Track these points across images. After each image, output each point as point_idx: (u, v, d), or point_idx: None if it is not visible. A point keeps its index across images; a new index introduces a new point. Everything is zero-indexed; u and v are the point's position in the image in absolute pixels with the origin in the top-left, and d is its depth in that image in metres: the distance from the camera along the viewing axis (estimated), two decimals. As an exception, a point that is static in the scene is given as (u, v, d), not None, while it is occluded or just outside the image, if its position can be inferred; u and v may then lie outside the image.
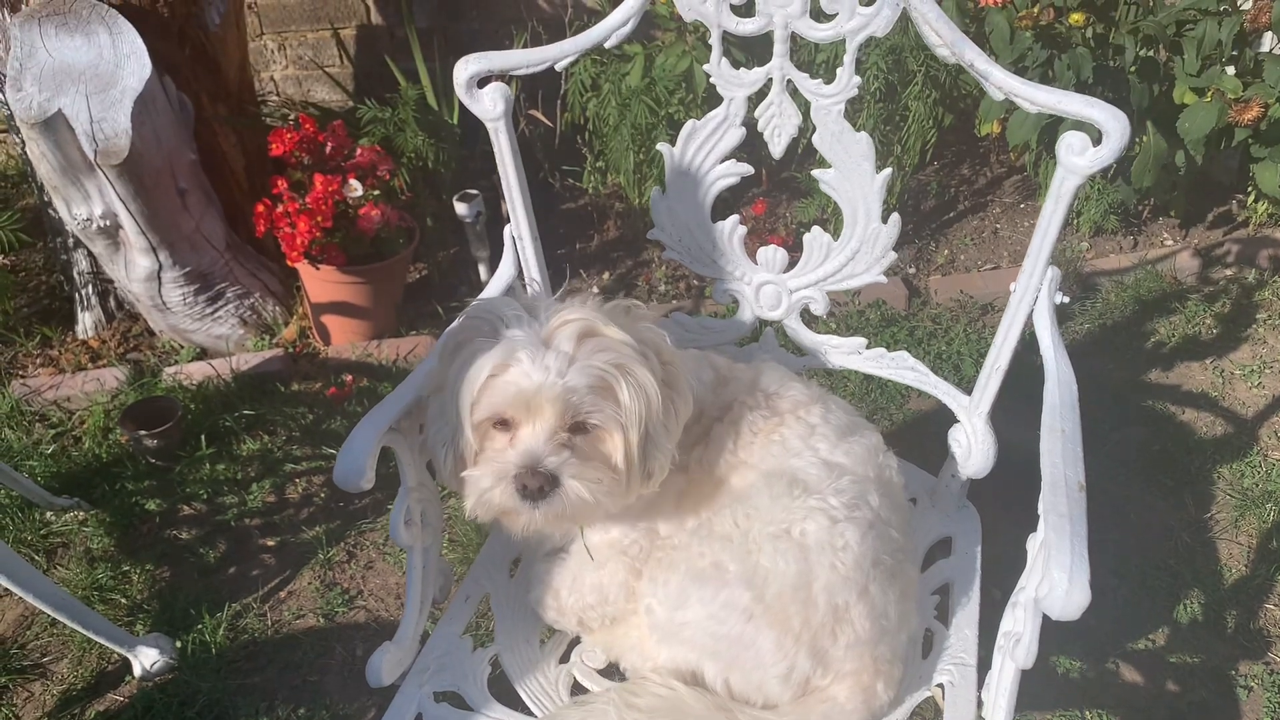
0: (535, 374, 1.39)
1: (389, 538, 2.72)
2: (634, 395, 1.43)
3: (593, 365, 1.40)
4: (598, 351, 1.42)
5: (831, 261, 1.74)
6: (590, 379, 1.40)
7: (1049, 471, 1.37)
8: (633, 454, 1.45)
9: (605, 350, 1.42)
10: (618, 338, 1.44)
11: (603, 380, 1.41)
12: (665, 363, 1.50)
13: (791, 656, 1.46)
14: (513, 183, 1.71)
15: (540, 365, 1.39)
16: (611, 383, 1.41)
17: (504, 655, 1.66)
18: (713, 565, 1.50)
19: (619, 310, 1.51)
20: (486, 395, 1.43)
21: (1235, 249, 3.56)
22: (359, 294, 3.23)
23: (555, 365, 1.39)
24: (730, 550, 1.50)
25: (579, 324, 1.42)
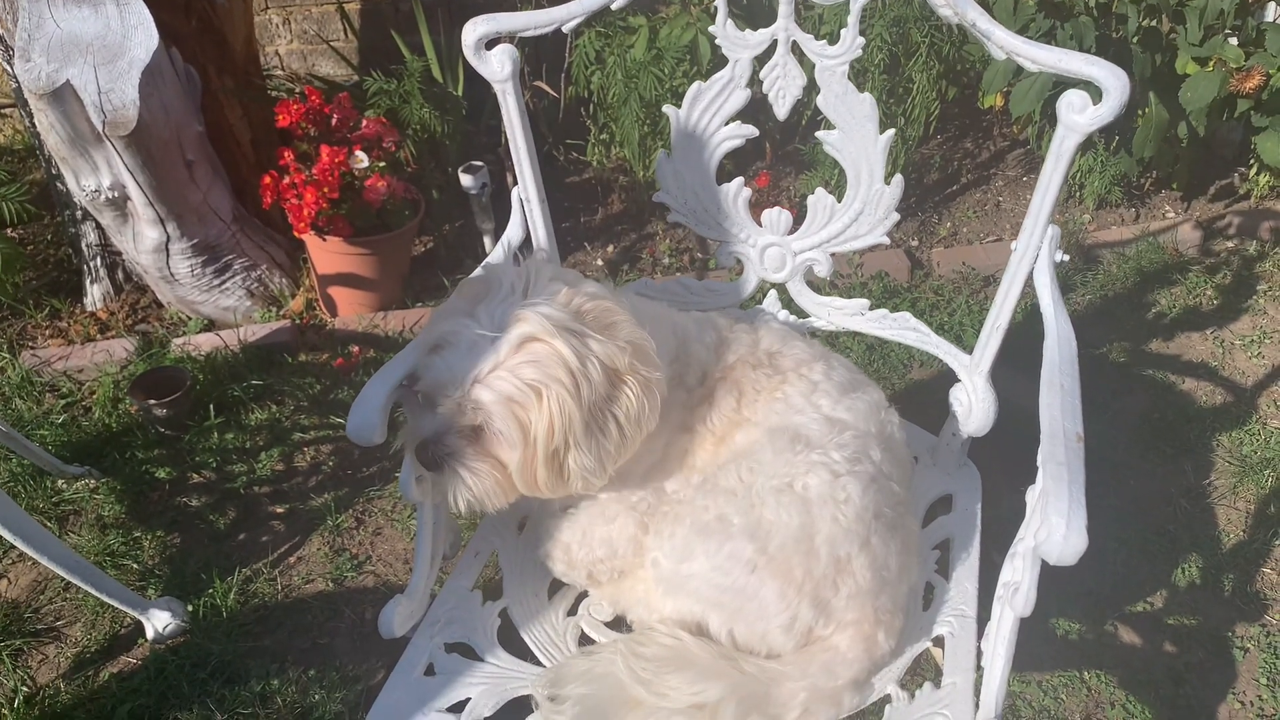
0: (456, 368, 1.43)
1: (397, 505, 2.78)
2: (541, 419, 1.43)
3: (510, 380, 1.42)
4: (527, 363, 1.42)
5: (835, 223, 1.76)
6: (502, 392, 1.42)
7: (1047, 423, 1.40)
8: (531, 471, 1.48)
9: (535, 363, 1.42)
10: (559, 352, 1.42)
11: (513, 398, 1.42)
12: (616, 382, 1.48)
13: (794, 607, 1.49)
14: (520, 145, 1.73)
15: (468, 360, 1.43)
16: (523, 401, 1.42)
17: (513, 608, 1.70)
18: (717, 519, 1.53)
19: (602, 312, 1.50)
20: (424, 362, 1.49)
21: (1237, 221, 3.57)
22: (365, 265, 3.26)
23: (475, 368, 1.42)
24: (734, 504, 1.53)
25: (526, 328, 1.43)
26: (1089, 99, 1.45)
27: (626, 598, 1.68)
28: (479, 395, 1.42)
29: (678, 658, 1.53)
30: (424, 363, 1.49)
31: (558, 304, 1.47)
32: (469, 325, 1.45)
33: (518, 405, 1.42)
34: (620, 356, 1.46)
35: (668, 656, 1.53)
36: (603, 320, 1.49)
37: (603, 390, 1.46)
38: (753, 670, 1.52)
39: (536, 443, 1.44)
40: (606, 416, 1.47)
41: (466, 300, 1.51)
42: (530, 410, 1.43)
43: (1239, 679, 2.28)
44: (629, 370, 1.47)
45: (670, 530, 1.57)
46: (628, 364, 1.47)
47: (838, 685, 1.51)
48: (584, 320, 1.47)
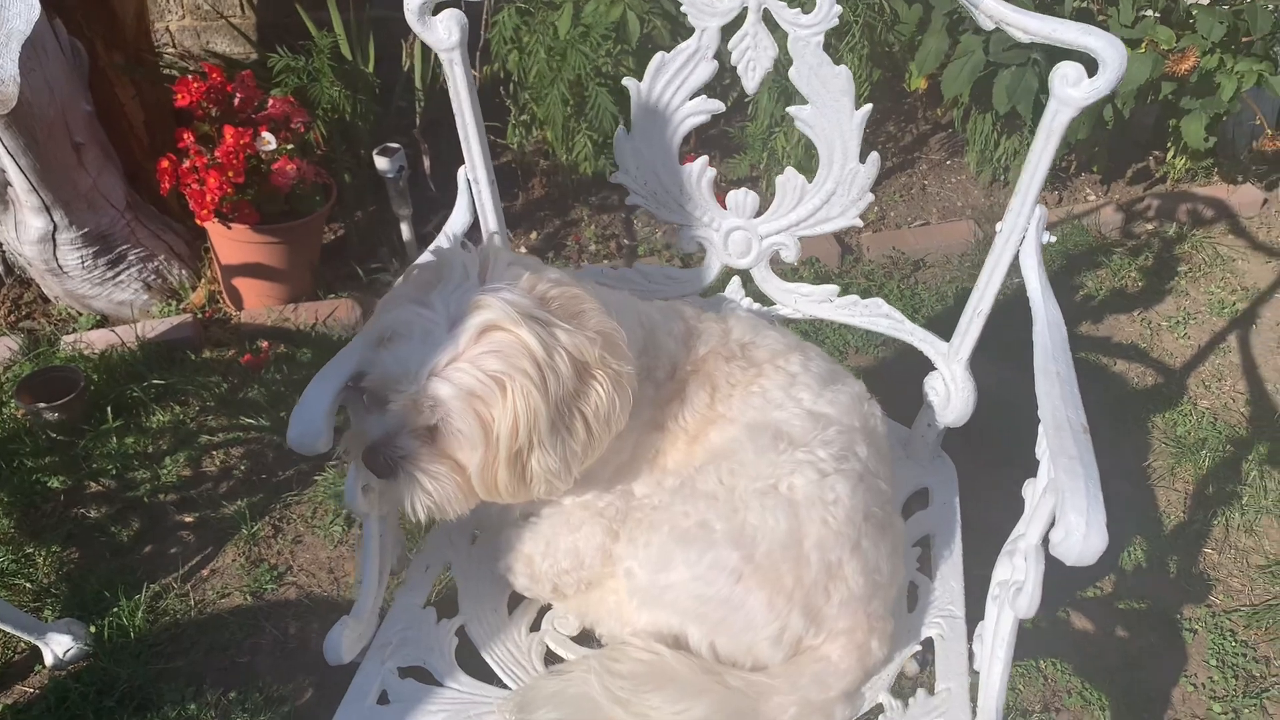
0: (409, 361, 1.29)
1: (317, 510, 2.60)
2: (505, 414, 1.30)
3: (471, 372, 1.28)
4: (488, 354, 1.29)
5: (805, 205, 1.66)
6: (461, 385, 1.29)
7: (1050, 414, 1.32)
8: (492, 473, 1.35)
9: (497, 354, 1.29)
10: (524, 341, 1.29)
11: (476, 389, 1.29)
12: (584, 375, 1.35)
13: (784, 617, 1.40)
14: (468, 120, 1.59)
15: (422, 353, 1.29)
16: (485, 395, 1.29)
17: (470, 626, 1.56)
18: (698, 525, 1.42)
19: (569, 299, 1.38)
20: (374, 357, 1.35)
21: (1155, 204, 3.61)
22: (274, 255, 3.05)
23: (431, 360, 1.28)
24: (715, 508, 1.42)
25: (488, 315, 1.29)
26: (1084, 71, 1.38)
27: (595, 610, 1.56)
28: (436, 390, 1.28)
29: (657, 674, 1.42)
30: (371, 357, 1.35)
31: (520, 290, 1.33)
32: (422, 314, 1.31)
33: (479, 400, 1.29)
34: (589, 348, 1.34)
35: (646, 673, 1.42)
36: (570, 308, 1.36)
37: (570, 385, 1.33)
38: (738, 684, 1.42)
39: (499, 442, 1.31)
40: (574, 414, 1.35)
41: (417, 288, 1.36)
42: (493, 406, 1.29)
43: (1190, 661, 2.28)
44: (599, 364, 1.35)
45: (646, 538, 1.46)
46: (597, 356, 1.34)
47: (830, 697, 1.42)
48: (549, 308, 1.34)
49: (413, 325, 1.30)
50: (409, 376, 1.29)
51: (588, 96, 3.25)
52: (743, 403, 1.51)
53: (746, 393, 1.52)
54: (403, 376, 1.29)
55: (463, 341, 1.28)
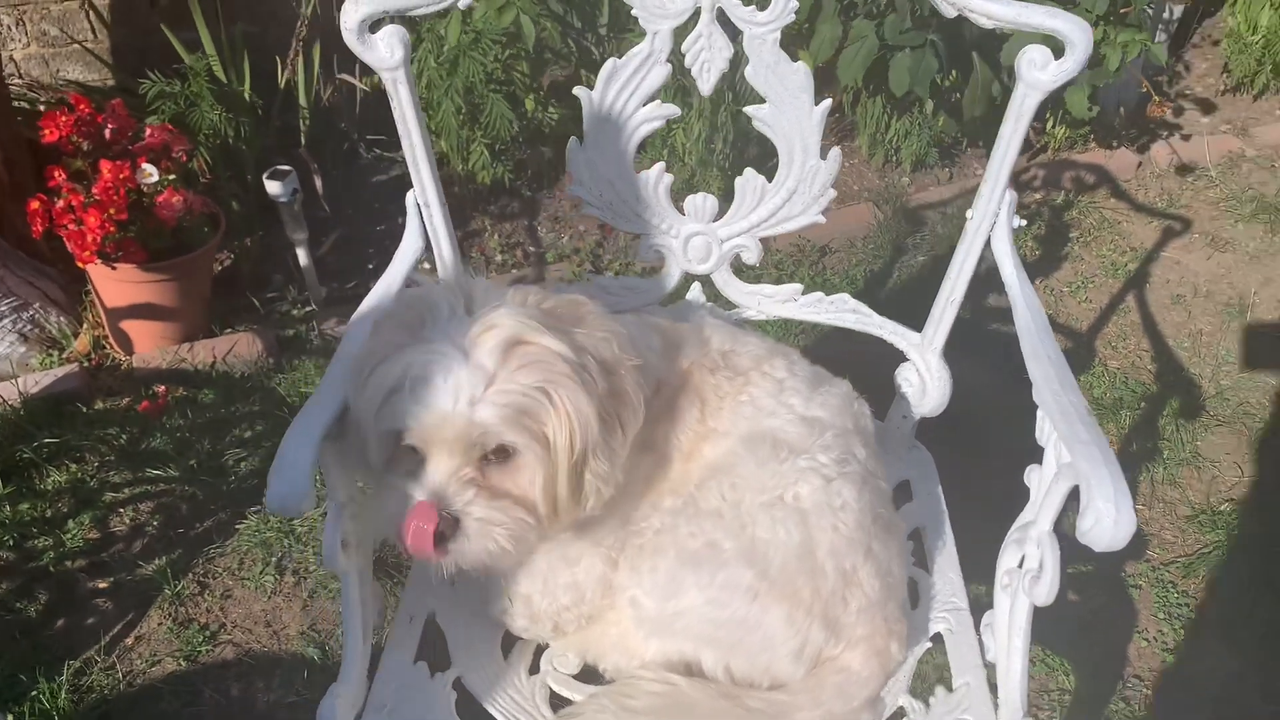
0: (443, 399, 1.20)
1: (244, 560, 2.45)
2: (560, 423, 1.24)
3: (513, 388, 1.22)
4: (523, 367, 1.23)
5: (765, 205, 1.63)
6: (507, 408, 1.21)
7: (1052, 400, 1.32)
8: (557, 490, 1.29)
9: (533, 365, 1.23)
10: (552, 349, 1.24)
11: (523, 407, 1.22)
12: (610, 373, 1.31)
13: (804, 631, 1.36)
14: (415, 141, 1.50)
15: (451, 386, 1.20)
16: (535, 407, 1.23)
17: (467, 676, 1.47)
18: (706, 545, 1.37)
19: (563, 306, 1.33)
20: (387, 414, 1.24)
21: (1041, 173, 3.72)
22: (164, 293, 2.86)
23: (468, 389, 1.20)
24: (722, 526, 1.37)
25: (507, 330, 1.23)
26: (1050, 55, 1.37)
27: (597, 645, 1.49)
28: (483, 417, 1.20)
29: (674, 706, 1.37)
30: (388, 413, 1.24)
31: (518, 305, 1.27)
32: (434, 350, 1.21)
33: (531, 417, 1.22)
34: (606, 346, 1.30)
35: (663, 706, 1.37)
36: (573, 314, 1.32)
37: (603, 384, 1.28)
38: (759, 705, 1.38)
39: (558, 456, 1.25)
40: (611, 412, 1.30)
41: (400, 331, 1.27)
42: (546, 419, 1.23)
43: (1139, 616, 2.35)
44: (617, 360, 1.31)
45: (650, 564, 1.40)
46: (615, 353, 1.31)
47: (854, 708, 1.39)
48: (555, 316, 1.29)
49: (429, 365, 1.21)
50: (452, 416, 1.19)
51: (481, 104, 3.16)
52: (733, 414, 1.47)
53: (736, 403, 1.48)
54: (445, 418, 1.20)
55: (491, 364, 1.21)
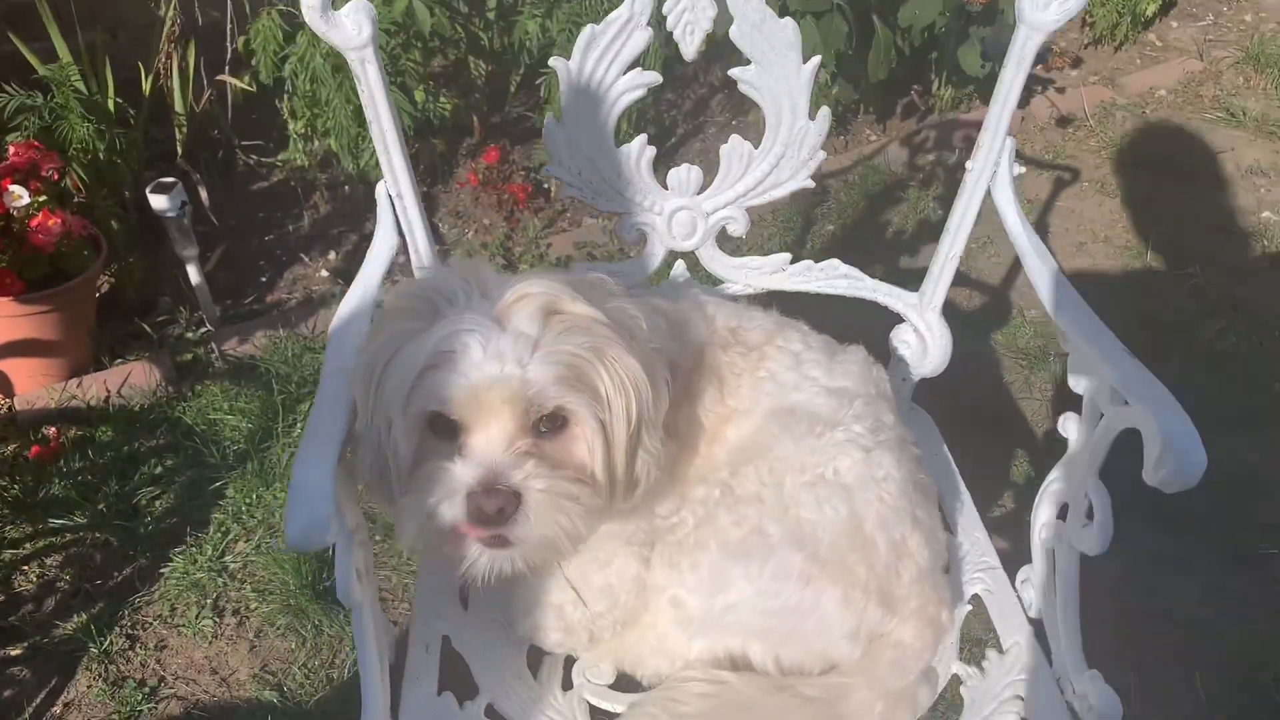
0: (488, 364, 1.10)
1: (176, 606, 2.25)
2: (615, 386, 1.16)
3: (563, 350, 1.13)
4: (567, 332, 1.14)
5: (753, 173, 1.56)
6: (560, 367, 1.13)
7: (1088, 346, 1.30)
8: (616, 459, 1.20)
9: (577, 331, 1.15)
10: (591, 315, 1.17)
11: (576, 368, 1.14)
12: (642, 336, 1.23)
13: (860, 610, 1.30)
14: (386, 126, 1.37)
15: (494, 352, 1.11)
16: (588, 370, 1.15)
17: (500, 702, 1.36)
18: (750, 533, 1.29)
19: (586, 285, 1.24)
20: (422, 393, 1.13)
21: (931, 135, 3.78)
22: (45, 326, 2.61)
23: (514, 352, 1.11)
24: (765, 511, 1.30)
25: (542, 298, 1.14)
26: (1053, -7, 1.34)
27: (634, 651, 1.40)
28: (538, 375, 1.10)
29: (726, 705, 1.29)
30: (422, 392, 1.13)
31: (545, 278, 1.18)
32: (466, 322, 1.12)
33: (582, 381, 1.14)
34: (636, 323, 1.23)
35: (715, 707, 1.29)
36: (602, 290, 1.25)
37: (642, 354, 1.20)
38: (814, 693, 1.31)
39: (615, 423, 1.16)
40: (656, 376, 1.21)
41: (413, 320, 1.16)
42: (599, 380, 1.15)
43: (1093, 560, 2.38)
44: (647, 338, 1.23)
45: (691, 560, 1.31)
46: (645, 330, 1.23)
47: (910, 682, 1.34)
48: (583, 292, 1.20)
49: (462, 337, 1.10)
50: (503, 377, 1.09)
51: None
52: (753, 391, 1.39)
53: (754, 380, 1.40)
54: (495, 380, 1.09)
55: (533, 330, 1.12)
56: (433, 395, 1.11)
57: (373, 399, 1.15)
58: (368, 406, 1.17)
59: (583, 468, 1.17)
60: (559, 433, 1.16)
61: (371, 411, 1.16)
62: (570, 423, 1.16)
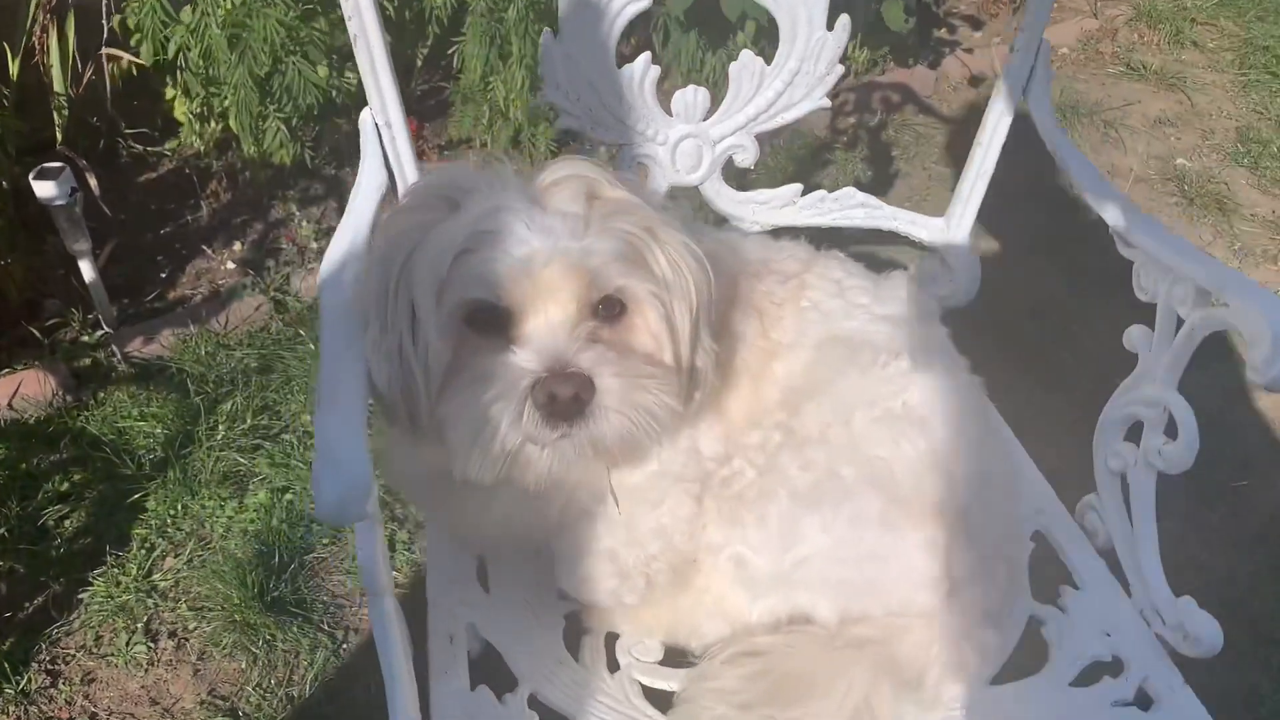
0: (538, 238, 0.97)
1: (102, 634, 2.00)
2: (674, 268, 1.05)
3: (615, 228, 1.02)
4: (615, 214, 1.03)
5: (764, 93, 1.43)
6: (618, 243, 1.01)
7: (1156, 245, 1.22)
8: (683, 345, 1.07)
9: (624, 213, 1.04)
10: (632, 199, 1.06)
11: (634, 248, 1.02)
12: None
13: (945, 553, 1.18)
14: (374, 44, 1.19)
15: (543, 227, 0.98)
16: (644, 251, 1.03)
17: (543, 690, 1.19)
18: (823, 478, 1.16)
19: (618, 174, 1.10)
20: (461, 279, 0.99)
21: (851, 98, 3.72)
22: (-81, 335, 2.30)
23: (564, 229, 0.99)
24: (835, 453, 1.17)
25: (581, 181, 1.03)
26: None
27: (688, 619, 1.25)
28: (598, 248, 0.99)
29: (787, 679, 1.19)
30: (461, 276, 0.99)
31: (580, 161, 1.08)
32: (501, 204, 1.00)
33: (641, 261, 1.03)
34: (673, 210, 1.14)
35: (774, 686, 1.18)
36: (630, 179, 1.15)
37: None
38: (871, 632, 1.20)
39: (676, 305, 1.05)
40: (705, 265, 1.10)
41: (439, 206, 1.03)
42: (654, 257, 1.04)
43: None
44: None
45: (756, 514, 1.17)
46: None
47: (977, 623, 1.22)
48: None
49: (501, 218, 0.97)
50: (560, 250, 0.97)
51: (274, 72, 2.75)
52: (798, 322, 1.27)
53: (797, 310, 1.27)
54: (551, 255, 0.97)
55: (579, 209, 1.00)
56: (475, 280, 0.97)
57: (391, 299, 0.99)
58: (384, 308, 1.00)
59: (649, 356, 1.05)
60: (617, 320, 1.04)
61: (390, 314, 1.00)
62: (630, 310, 1.04)
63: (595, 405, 0.98)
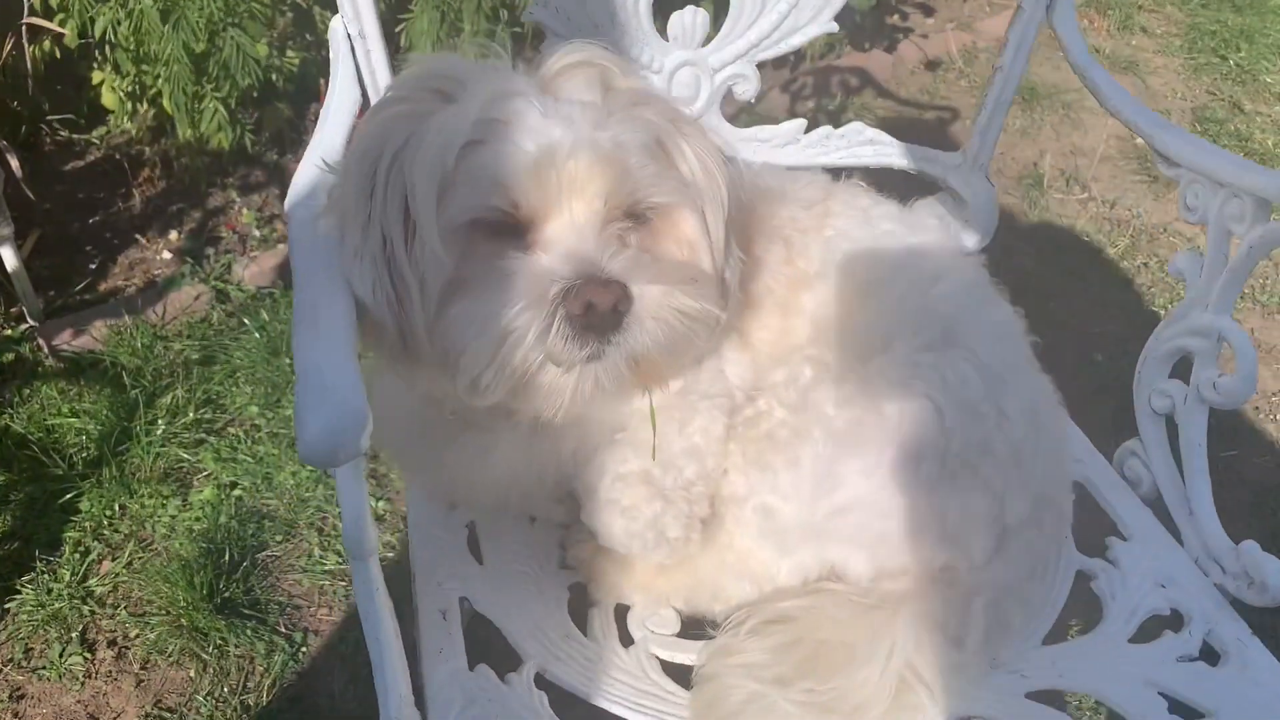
0: (558, 127, 0.85)
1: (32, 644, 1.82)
2: (703, 164, 0.94)
3: (640, 118, 0.90)
4: (636, 105, 0.92)
5: (769, 15, 1.32)
6: (645, 135, 0.90)
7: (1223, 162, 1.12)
8: (719, 248, 0.96)
9: (644, 104, 0.92)
10: (649, 90, 0.96)
11: (660, 143, 0.92)
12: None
13: (1002, 494, 1.06)
14: (346, -61, 1.04)
15: (562, 116, 0.86)
16: (669, 146, 0.92)
17: (551, 668, 1.05)
18: (865, 414, 1.04)
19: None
20: (469, 176, 0.86)
21: (809, 81, 3.65)
22: None
23: (584, 119, 0.87)
24: (877, 388, 1.05)
25: (595, 69, 0.92)
26: None
27: (710, 580, 1.12)
28: (626, 139, 0.87)
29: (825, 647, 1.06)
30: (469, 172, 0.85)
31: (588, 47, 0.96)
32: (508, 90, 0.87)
33: (666, 153, 0.92)
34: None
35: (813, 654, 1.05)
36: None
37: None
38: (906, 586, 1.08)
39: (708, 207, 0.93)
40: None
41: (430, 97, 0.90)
42: (681, 151, 0.93)
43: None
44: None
45: (787, 457, 1.04)
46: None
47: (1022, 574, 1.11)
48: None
49: (509, 106, 0.85)
50: (585, 142, 0.84)
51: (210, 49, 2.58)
52: (824, 251, 1.15)
53: (822, 239, 1.16)
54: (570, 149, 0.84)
55: (594, 96, 0.89)
56: (487, 177, 0.84)
57: (380, 200, 0.86)
58: (367, 211, 0.86)
59: (683, 263, 0.94)
60: (645, 226, 0.92)
61: (378, 216, 0.85)
62: (658, 213, 0.92)
63: (633, 317, 0.86)
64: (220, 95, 2.67)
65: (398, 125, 0.86)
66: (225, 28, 2.55)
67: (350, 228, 0.87)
